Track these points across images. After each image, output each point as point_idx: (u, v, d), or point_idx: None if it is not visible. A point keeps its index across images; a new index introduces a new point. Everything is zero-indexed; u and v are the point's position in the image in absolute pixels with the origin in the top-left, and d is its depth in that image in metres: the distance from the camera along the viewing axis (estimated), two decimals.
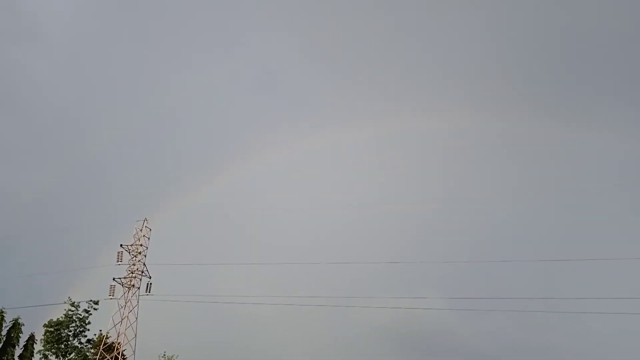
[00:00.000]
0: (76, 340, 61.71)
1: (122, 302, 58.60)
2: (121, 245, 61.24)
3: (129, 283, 59.80)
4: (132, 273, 60.36)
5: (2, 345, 41.11)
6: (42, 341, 58.85)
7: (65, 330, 60.96)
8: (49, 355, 59.83)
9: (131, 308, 58.55)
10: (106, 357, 55.68)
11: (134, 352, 58.16)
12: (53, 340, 59.75)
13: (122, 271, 60.42)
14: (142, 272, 60.93)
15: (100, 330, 61.32)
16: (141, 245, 61.81)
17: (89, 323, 62.50)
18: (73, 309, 61.70)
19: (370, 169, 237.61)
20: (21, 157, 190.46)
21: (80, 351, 60.93)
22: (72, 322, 61.47)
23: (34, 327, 52.45)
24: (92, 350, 60.35)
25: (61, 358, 60.49)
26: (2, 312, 41.41)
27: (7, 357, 40.85)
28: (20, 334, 42.31)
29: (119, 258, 60.62)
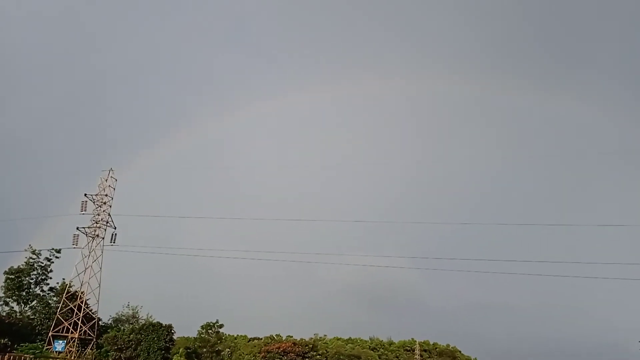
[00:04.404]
0: (38, 287, 61.42)
1: (86, 252, 58.15)
2: (85, 194, 60.23)
3: (93, 233, 59.18)
4: (97, 223, 59.66)
5: None
6: (3, 288, 58.55)
7: (27, 278, 60.46)
8: (9, 302, 59.55)
9: (95, 258, 58.19)
10: (69, 305, 55.51)
11: (98, 301, 58.25)
12: (14, 287, 59.30)
13: (87, 221, 59.72)
14: (107, 222, 60.31)
15: (64, 279, 61.23)
16: (106, 195, 60.91)
17: (51, 271, 62.21)
18: (34, 256, 61.11)
19: (348, 131, 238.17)
20: None
21: (43, 299, 60.70)
22: (34, 270, 60.95)
23: None
24: (54, 298, 60.17)
25: (22, 305, 60.23)
26: None
27: None
28: None
29: (83, 207, 59.68)
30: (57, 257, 62.05)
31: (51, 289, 61.92)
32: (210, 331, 68.99)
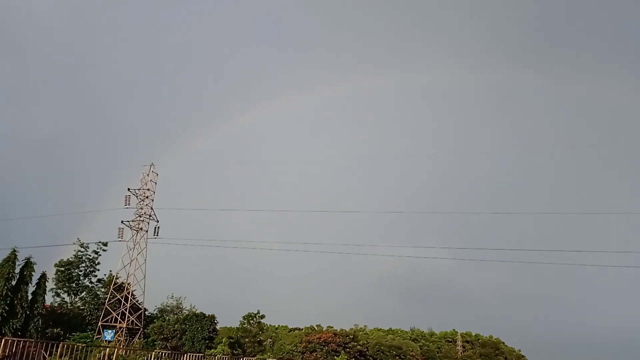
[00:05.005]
0: (87, 279, 63.56)
1: (131, 245, 59.72)
2: (129, 189, 61.80)
3: (137, 226, 60.67)
4: (140, 217, 61.13)
5: (16, 283, 42.12)
6: (54, 280, 60.69)
7: (76, 270, 62.66)
8: (60, 293, 61.86)
9: (139, 250, 59.72)
10: (116, 296, 57.24)
11: (144, 292, 59.93)
12: (64, 279, 61.54)
13: (131, 214, 61.30)
14: (150, 215, 61.74)
15: (110, 271, 63.23)
16: (148, 189, 62.29)
17: (99, 264, 64.28)
18: (82, 249, 63.26)
19: (380, 122, 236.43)
20: (33, 102, 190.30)
21: (91, 290, 62.81)
22: (82, 263, 63.11)
23: (45, 267, 53.52)
24: (102, 290, 62.16)
25: (72, 296, 62.47)
26: (15, 251, 42.22)
27: (20, 294, 41.93)
28: (32, 273, 43.21)
29: (127, 202, 61.29)
30: (104, 250, 64.06)
31: (99, 280, 64.04)
32: (251, 321, 70.00)
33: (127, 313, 56.58)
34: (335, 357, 59.07)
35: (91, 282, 63.76)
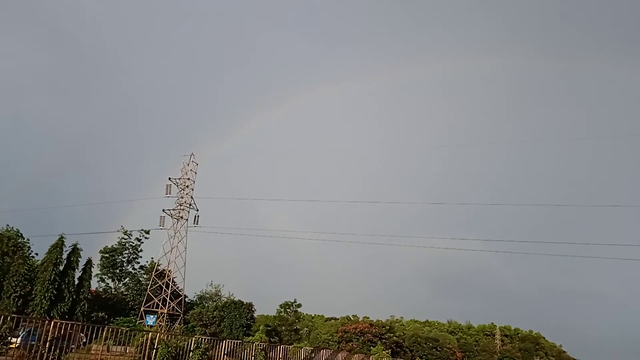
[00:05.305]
0: (130, 266, 65.47)
1: (172, 233, 61.05)
2: (169, 178, 63.06)
3: (177, 215, 61.88)
4: (180, 205, 62.31)
5: (63, 268, 43.80)
6: (99, 266, 62.77)
7: (120, 257, 64.61)
8: (105, 279, 63.99)
9: (180, 238, 60.99)
10: (158, 282, 58.75)
11: (184, 279, 61.28)
12: (109, 265, 63.57)
13: (171, 203, 62.58)
14: (190, 204, 62.88)
15: (152, 258, 64.95)
16: (188, 179, 63.40)
17: (141, 251, 66.10)
18: (126, 237, 65.13)
19: (432, 113, 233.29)
20: (77, 95, 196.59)
21: (134, 276, 64.69)
22: (125, 249, 65.01)
23: (91, 253, 55.38)
24: (144, 276, 63.92)
25: (116, 281, 64.51)
26: (63, 237, 43.87)
27: (68, 279, 43.60)
28: (79, 258, 44.84)
29: (168, 191, 62.53)
30: (146, 238, 65.79)
31: (141, 267, 65.87)
32: (288, 310, 70.66)
33: (168, 299, 58.03)
34: (371, 347, 59.09)
35: (134, 269, 65.70)
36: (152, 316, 55.74)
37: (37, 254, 53.84)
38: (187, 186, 63.19)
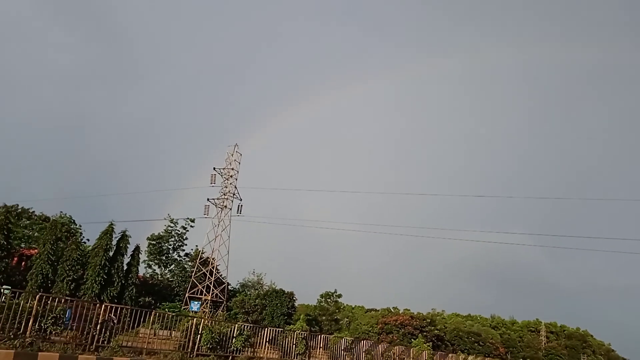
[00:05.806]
0: (175, 253, 67.26)
1: (216, 222, 62.14)
2: (214, 168, 64.12)
3: (221, 204, 62.88)
4: (225, 195, 63.29)
5: (113, 254, 45.53)
6: (146, 252, 64.73)
7: (166, 244, 66.46)
8: (152, 265, 66.00)
9: (224, 227, 61.99)
10: (202, 270, 60.07)
11: (227, 267, 62.34)
12: (155, 252, 65.51)
13: (216, 193, 63.70)
14: (234, 194, 63.79)
15: (197, 246, 66.43)
16: (232, 169, 64.25)
17: (187, 239, 67.78)
18: (172, 225, 66.90)
19: (463, 107, 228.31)
20: (126, 87, 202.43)
21: (179, 263, 66.43)
22: (171, 237, 66.78)
23: (139, 240, 57.30)
24: (189, 263, 65.50)
25: (162, 268, 66.44)
26: (112, 224, 45.56)
27: (117, 265, 45.30)
28: (127, 245, 46.49)
29: (213, 180, 63.59)
30: (191, 226, 67.38)
31: (186, 254, 67.54)
32: (329, 300, 71.08)
33: (211, 286, 59.28)
34: (412, 339, 58.76)
35: (179, 256, 67.45)
36: (196, 302, 57.04)
37: (88, 239, 56.27)
38: (231, 176, 64.06)
